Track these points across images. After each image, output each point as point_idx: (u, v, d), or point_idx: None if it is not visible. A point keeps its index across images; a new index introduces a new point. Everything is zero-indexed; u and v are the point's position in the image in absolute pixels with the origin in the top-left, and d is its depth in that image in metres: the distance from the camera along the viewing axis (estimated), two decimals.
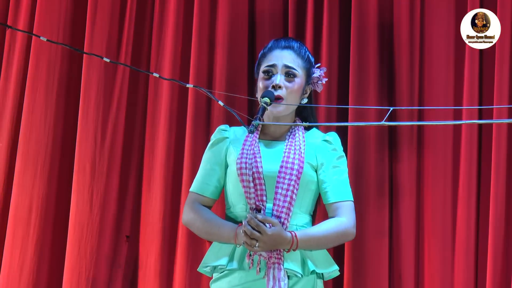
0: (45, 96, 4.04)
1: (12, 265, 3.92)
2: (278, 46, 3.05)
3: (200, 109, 3.94)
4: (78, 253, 3.90)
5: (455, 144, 3.70)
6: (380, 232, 3.72)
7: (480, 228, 3.64)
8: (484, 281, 3.58)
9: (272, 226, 2.81)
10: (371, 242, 3.72)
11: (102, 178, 3.96)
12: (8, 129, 4.05)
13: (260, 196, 2.89)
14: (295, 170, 2.90)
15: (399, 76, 3.77)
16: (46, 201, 3.98)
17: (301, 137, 2.99)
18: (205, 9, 3.98)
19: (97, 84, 4.01)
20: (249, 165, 2.91)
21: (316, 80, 3.08)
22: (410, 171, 3.72)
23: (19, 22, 4.10)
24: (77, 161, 3.96)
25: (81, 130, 3.99)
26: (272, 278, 2.82)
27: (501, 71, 3.61)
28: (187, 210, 3.00)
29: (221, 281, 2.92)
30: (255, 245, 2.80)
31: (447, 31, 3.74)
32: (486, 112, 3.66)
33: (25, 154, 3.99)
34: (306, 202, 2.95)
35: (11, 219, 3.95)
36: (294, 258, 2.87)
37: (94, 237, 3.93)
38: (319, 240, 2.89)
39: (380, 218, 3.73)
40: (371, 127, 3.78)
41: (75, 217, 3.92)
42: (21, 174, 3.98)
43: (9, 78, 4.09)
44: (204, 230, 2.96)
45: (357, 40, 3.81)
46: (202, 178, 3.02)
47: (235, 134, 3.05)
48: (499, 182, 3.57)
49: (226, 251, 2.90)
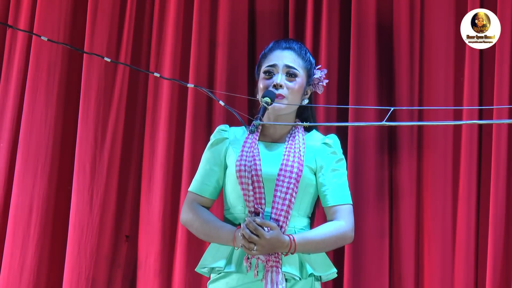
0: (46, 96, 4.04)
1: (13, 265, 3.92)
2: (278, 46, 3.04)
3: (200, 109, 3.94)
4: (78, 253, 3.90)
5: (455, 144, 3.69)
6: (380, 233, 3.72)
7: (480, 228, 3.64)
8: (484, 282, 3.58)
9: (271, 230, 2.81)
10: (371, 242, 3.73)
11: (102, 178, 3.96)
12: (9, 129, 4.05)
13: (259, 199, 2.88)
14: (294, 173, 2.89)
15: (399, 76, 3.77)
16: (46, 201, 3.98)
17: (301, 139, 2.98)
18: (205, 9, 3.98)
19: (97, 84, 4.01)
20: (248, 167, 2.89)
21: (317, 81, 3.07)
22: (410, 171, 3.72)
23: (19, 22, 4.10)
24: (77, 161, 3.96)
25: (81, 130, 3.99)
26: (270, 282, 2.82)
27: (501, 71, 3.61)
28: (185, 210, 2.99)
29: (218, 282, 2.91)
30: (253, 249, 2.79)
31: (447, 31, 3.74)
32: (486, 112, 3.66)
33: (25, 154, 3.99)
34: (305, 205, 2.95)
35: (11, 219, 3.96)
36: (292, 262, 2.86)
37: (94, 237, 3.93)
38: (317, 243, 2.88)
39: (380, 219, 3.73)
40: (371, 128, 3.78)
41: (75, 217, 3.92)
42: (21, 174, 3.98)
43: (10, 78, 4.09)
44: (203, 232, 2.95)
45: (356, 41, 3.81)
46: (201, 179, 3.01)
47: (234, 134, 3.04)
48: (499, 182, 3.57)
49: (224, 253, 2.90)
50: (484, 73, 3.69)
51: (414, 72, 3.77)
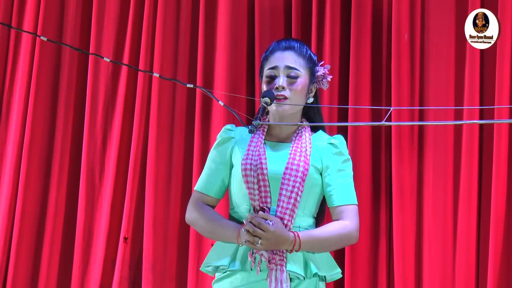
0: (51, 98, 4.06)
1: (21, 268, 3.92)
2: (278, 48, 3.04)
3: (200, 109, 3.93)
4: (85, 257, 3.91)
5: (456, 144, 3.70)
6: (380, 232, 3.73)
7: (481, 228, 3.65)
8: (485, 282, 3.58)
9: (274, 224, 2.81)
10: (372, 242, 3.73)
11: (108, 180, 3.97)
12: (14, 131, 4.05)
13: (265, 197, 2.88)
14: (300, 172, 2.89)
15: (399, 76, 3.77)
16: (52, 204, 3.99)
17: (307, 139, 2.98)
18: (205, 9, 3.97)
19: (103, 87, 4.04)
20: (254, 166, 2.90)
21: (321, 78, 3.06)
22: (411, 171, 3.72)
23: (24, 23, 4.10)
24: (83, 163, 3.98)
25: (87, 132, 4.00)
26: (274, 280, 2.81)
27: (501, 71, 3.62)
28: (191, 209, 2.99)
29: (223, 281, 2.91)
30: (257, 242, 2.79)
31: (447, 31, 3.75)
32: (486, 112, 3.67)
33: (32, 157, 4.01)
34: (310, 204, 2.94)
35: (17, 222, 3.97)
36: (296, 260, 2.85)
37: (97, 239, 3.93)
38: (322, 242, 2.88)
39: (381, 219, 3.73)
40: (371, 128, 3.78)
41: (82, 220, 3.94)
42: (27, 177, 3.99)
43: (15, 80, 4.11)
44: (207, 229, 2.95)
45: (356, 41, 3.82)
46: (206, 178, 3.01)
47: (241, 134, 3.04)
48: (499, 182, 3.57)
49: (229, 251, 2.89)
50: (485, 73, 3.70)
51: (415, 72, 3.77)
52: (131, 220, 3.94)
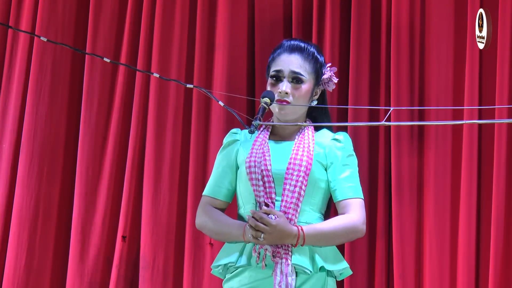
0: (48, 97, 4.04)
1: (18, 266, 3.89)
2: (286, 49, 3.05)
3: (200, 110, 3.92)
4: (80, 255, 3.87)
5: (456, 144, 3.70)
6: (380, 232, 3.73)
7: (481, 228, 3.65)
8: (485, 281, 3.59)
9: (277, 218, 2.81)
10: (371, 242, 3.73)
11: (104, 179, 3.94)
12: (11, 130, 4.03)
13: (269, 193, 2.90)
14: (303, 167, 2.91)
15: (399, 76, 3.77)
16: (49, 203, 3.95)
17: (310, 136, 3.00)
18: (205, 10, 3.97)
19: (99, 86, 4.01)
20: (258, 163, 2.92)
21: (327, 80, 3.08)
22: (411, 171, 3.73)
23: (21, 23, 4.08)
24: (80, 161, 3.96)
25: (83, 132, 3.97)
26: (279, 273, 2.82)
27: (501, 71, 3.62)
28: (199, 214, 3.01)
29: (232, 281, 2.93)
30: (260, 236, 2.79)
31: (447, 31, 3.75)
32: (486, 112, 3.67)
33: (28, 156, 3.98)
34: (316, 200, 2.95)
35: (14, 220, 3.95)
36: (302, 253, 2.86)
37: (96, 239, 3.91)
38: (326, 235, 2.88)
39: (381, 219, 3.73)
40: (370, 128, 3.78)
41: (77, 219, 3.92)
42: (24, 175, 3.96)
43: (12, 79, 4.09)
44: (215, 231, 2.97)
45: (356, 41, 3.82)
46: (214, 181, 3.03)
47: (245, 136, 3.07)
48: (499, 182, 3.58)
49: (236, 249, 2.92)
50: (485, 73, 3.70)
51: (414, 72, 3.77)
52: (128, 218, 3.92)
